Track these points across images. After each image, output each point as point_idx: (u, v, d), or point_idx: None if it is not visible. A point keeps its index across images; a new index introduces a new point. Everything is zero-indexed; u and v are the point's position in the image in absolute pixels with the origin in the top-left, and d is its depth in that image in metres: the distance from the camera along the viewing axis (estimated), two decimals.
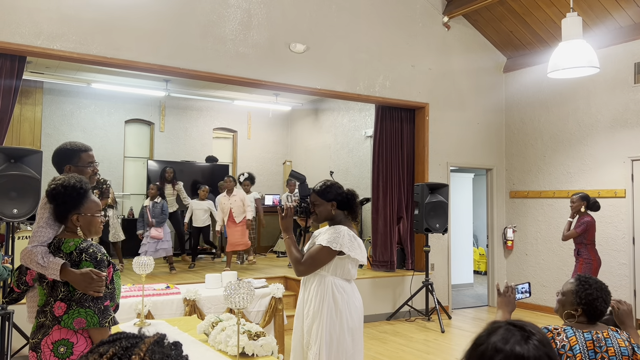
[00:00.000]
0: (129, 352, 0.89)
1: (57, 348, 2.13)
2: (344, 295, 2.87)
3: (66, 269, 2.16)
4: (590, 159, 7.16)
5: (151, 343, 0.90)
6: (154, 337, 0.92)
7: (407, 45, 7.43)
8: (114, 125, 9.96)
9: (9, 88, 5.01)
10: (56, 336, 2.14)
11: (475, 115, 8.07)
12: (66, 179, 2.26)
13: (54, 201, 2.25)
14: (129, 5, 5.51)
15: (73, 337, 2.14)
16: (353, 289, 2.95)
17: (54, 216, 2.29)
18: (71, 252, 2.21)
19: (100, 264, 2.20)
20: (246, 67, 6.18)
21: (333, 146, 10.38)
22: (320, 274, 2.90)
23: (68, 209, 2.25)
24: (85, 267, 2.16)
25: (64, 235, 2.29)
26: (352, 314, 2.88)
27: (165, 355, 0.89)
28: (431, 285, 6.92)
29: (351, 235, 2.91)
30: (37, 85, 9.13)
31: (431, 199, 6.88)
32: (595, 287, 2.20)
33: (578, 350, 2.08)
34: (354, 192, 3.08)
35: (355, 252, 2.90)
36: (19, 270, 2.47)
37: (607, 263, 6.70)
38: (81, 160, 2.69)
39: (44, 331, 2.18)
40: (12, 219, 4.29)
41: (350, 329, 2.87)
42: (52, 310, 2.18)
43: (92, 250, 2.21)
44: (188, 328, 3.35)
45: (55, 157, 2.69)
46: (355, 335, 2.89)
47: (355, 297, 2.94)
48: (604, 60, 6.68)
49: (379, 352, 5.51)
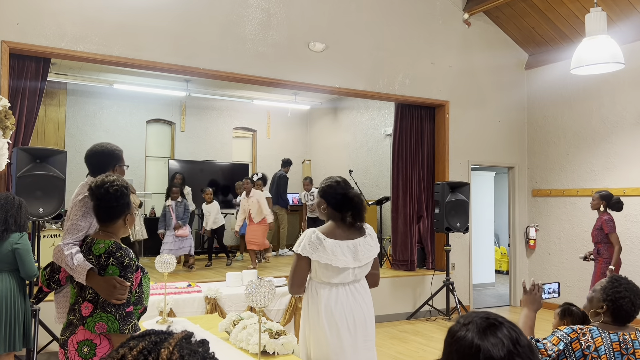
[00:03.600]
0: (158, 346, 0.91)
1: (81, 348, 2.18)
2: (315, 298, 2.73)
3: (92, 275, 2.20)
4: (615, 156, 7.02)
5: (179, 339, 0.92)
6: (182, 334, 0.94)
7: (427, 43, 7.38)
8: (136, 126, 10.09)
9: (34, 89, 5.11)
10: (81, 336, 2.19)
11: (497, 113, 7.98)
12: (121, 180, 2.30)
13: (110, 202, 2.24)
14: (150, 7, 5.58)
15: (96, 339, 2.19)
16: (332, 294, 2.70)
17: (104, 217, 2.29)
18: (100, 254, 2.24)
19: (127, 268, 2.22)
20: (266, 66, 6.20)
21: (352, 145, 10.35)
22: (310, 276, 2.81)
23: (123, 210, 2.30)
24: (110, 271, 2.19)
25: (97, 235, 2.32)
26: (320, 321, 2.68)
27: (193, 352, 0.90)
28: (452, 284, 6.87)
29: (315, 238, 2.68)
30: (61, 86, 9.29)
31: (452, 198, 6.82)
32: (624, 287, 2.15)
33: (603, 351, 2.04)
34: (347, 193, 2.78)
35: (318, 254, 2.66)
36: (51, 268, 2.51)
37: (632, 263, 6.57)
38: (122, 161, 2.81)
39: (72, 329, 2.24)
40: (37, 217, 4.38)
41: (317, 338, 2.69)
42: (80, 310, 2.23)
43: (119, 254, 2.23)
44: (210, 326, 3.38)
45: (101, 157, 2.70)
46: (323, 344, 2.68)
47: (330, 302, 2.69)
48: (629, 55, 6.53)
49: (399, 352, 5.49)
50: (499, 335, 1.21)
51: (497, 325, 1.24)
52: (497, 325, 1.23)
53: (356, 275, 2.76)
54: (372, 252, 2.79)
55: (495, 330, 1.22)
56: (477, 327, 1.24)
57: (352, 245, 2.72)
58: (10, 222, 3.68)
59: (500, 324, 1.24)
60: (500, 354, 1.18)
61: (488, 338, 1.21)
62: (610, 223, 5.58)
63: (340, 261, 2.67)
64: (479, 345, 1.20)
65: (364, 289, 2.82)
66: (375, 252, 2.82)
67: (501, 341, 1.20)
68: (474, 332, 1.24)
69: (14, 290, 3.69)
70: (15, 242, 3.67)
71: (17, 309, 3.69)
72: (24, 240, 3.72)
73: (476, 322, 1.25)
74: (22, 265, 3.70)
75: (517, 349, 1.19)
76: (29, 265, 3.72)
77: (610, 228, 5.56)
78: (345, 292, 2.73)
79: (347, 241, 2.72)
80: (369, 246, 2.78)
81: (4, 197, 3.75)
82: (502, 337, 1.21)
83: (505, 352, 1.18)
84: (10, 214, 3.68)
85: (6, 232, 3.66)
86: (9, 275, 3.69)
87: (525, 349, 1.20)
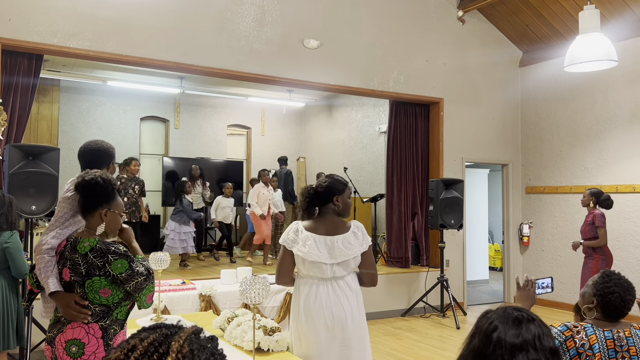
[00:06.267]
0: (168, 339, 0.93)
1: (69, 347, 2.16)
2: (296, 294, 2.80)
3: (56, 294, 2.22)
4: (608, 153, 7.06)
5: (190, 333, 0.94)
6: (192, 328, 0.96)
7: (422, 40, 7.38)
8: (130, 123, 10.05)
9: (27, 86, 5.08)
10: (69, 335, 2.17)
11: (491, 110, 8.00)
12: (103, 173, 2.29)
13: (87, 191, 2.23)
14: (144, 3, 5.55)
15: (85, 338, 2.16)
16: (312, 290, 2.72)
17: (82, 208, 2.28)
18: (86, 253, 2.18)
19: (127, 254, 2.21)
20: (260, 63, 6.18)
21: (347, 142, 10.36)
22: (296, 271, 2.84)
23: (100, 201, 2.25)
24: (119, 265, 2.16)
25: (81, 234, 2.28)
26: (300, 316, 2.72)
27: (202, 347, 0.92)
28: (446, 281, 6.89)
29: (295, 230, 2.75)
30: (54, 83, 9.24)
31: (446, 195, 6.84)
32: (614, 282, 2.14)
33: (598, 349, 2.04)
34: (318, 187, 2.83)
35: (296, 247, 2.71)
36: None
37: (625, 259, 6.61)
38: (114, 160, 2.80)
39: (59, 327, 2.22)
40: (30, 215, 4.35)
41: (297, 332, 2.74)
42: None
43: (113, 248, 2.20)
44: (204, 323, 3.37)
45: (96, 154, 2.69)
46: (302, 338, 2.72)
47: (310, 299, 2.70)
48: (622, 53, 6.57)
49: (393, 348, 5.50)
50: (522, 326, 1.27)
51: (525, 318, 1.29)
52: (525, 318, 1.29)
53: (335, 272, 2.74)
54: (352, 251, 2.75)
55: (520, 321, 1.29)
56: (505, 313, 1.32)
57: (330, 241, 2.73)
58: (2, 220, 3.64)
59: (531, 320, 1.29)
60: (514, 341, 1.22)
61: (509, 323, 1.27)
62: (601, 218, 5.62)
63: (312, 255, 2.68)
64: (496, 326, 1.28)
65: (348, 286, 2.78)
66: (357, 251, 2.77)
67: (521, 332, 1.24)
68: (499, 313, 1.32)
69: (6, 289, 3.67)
70: (6, 241, 3.64)
71: (10, 308, 3.67)
72: (14, 239, 3.68)
73: (507, 310, 1.32)
74: (13, 263, 3.67)
75: (536, 343, 1.22)
76: (20, 264, 3.69)
77: (601, 222, 5.60)
78: (326, 288, 2.73)
79: (326, 237, 2.74)
80: (349, 244, 2.75)
81: None
82: (525, 329, 1.26)
83: (521, 340, 1.22)
84: (2, 212, 3.65)
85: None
86: (0, 274, 3.67)
87: (547, 350, 1.23)
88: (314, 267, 2.71)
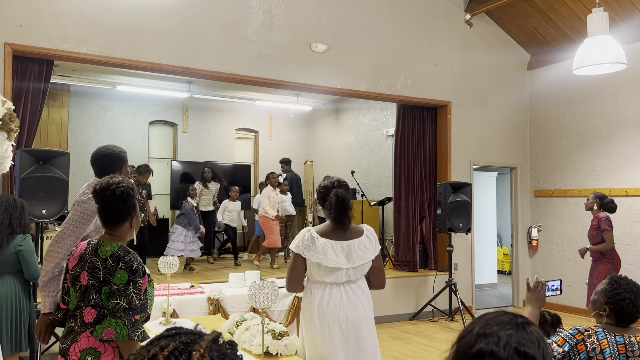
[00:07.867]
0: (189, 347, 0.90)
1: (85, 357, 2.07)
2: (309, 298, 2.79)
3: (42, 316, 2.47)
4: (618, 156, 7.02)
5: (209, 341, 0.92)
6: (211, 335, 0.94)
7: (429, 44, 7.38)
8: (138, 127, 10.11)
9: (38, 91, 5.13)
10: (84, 344, 2.09)
11: (499, 114, 7.97)
12: (126, 182, 2.22)
13: (121, 204, 2.17)
14: (152, 9, 5.59)
15: (101, 347, 2.08)
16: (325, 294, 2.73)
17: (112, 219, 2.21)
18: (106, 258, 2.13)
19: (136, 273, 2.11)
20: (268, 67, 6.21)
21: (354, 146, 10.36)
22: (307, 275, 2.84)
23: (130, 212, 2.22)
24: (119, 275, 2.09)
25: (103, 238, 2.23)
26: (313, 320, 2.72)
27: (222, 354, 0.90)
28: (454, 285, 6.86)
29: (309, 237, 2.73)
30: (64, 88, 9.31)
31: (454, 198, 6.82)
32: (624, 288, 2.13)
33: (609, 353, 2.03)
34: (327, 191, 2.81)
35: (311, 253, 2.70)
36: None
37: (635, 263, 6.56)
38: (127, 164, 2.85)
39: (73, 337, 2.14)
40: (41, 219, 4.39)
41: (311, 336, 2.74)
42: (82, 316, 2.12)
43: (128, 258, 2.13)
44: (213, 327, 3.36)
45: (109, 159, 2.71)
46: (316, 342, 2.71)
47: (323, 302, 2.71)
48: (631, 56, 6.53)
49: (402, 352, 5.49)
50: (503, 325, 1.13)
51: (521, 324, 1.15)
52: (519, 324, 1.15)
53: (350, 276, 2.76)
54: (368, 254, 2.77)
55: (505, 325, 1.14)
56: (493, 314, 1.17)
57: (347, 245, 2.74)
58: (15, 224, 3.68)
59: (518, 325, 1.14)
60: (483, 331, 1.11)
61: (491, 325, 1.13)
62: (606, 220, 5.57)
63: (331, 261, 2.68)
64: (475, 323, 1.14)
65: (361, 289, 2.81)
66: (372, 255, 2.79)
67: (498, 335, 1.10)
68: (486, 315, 1.17)
69: (19, 291, 3.70)
70: (19, 244, 3.68)
71: (22, 311, 3.70)
72: (27, 242, 3.72)
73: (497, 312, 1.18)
74: (25, 266, 3.70)
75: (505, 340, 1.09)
76: (33, 267, 3.72)
77: (606, 225, 5.56)
78: (339, 292, 2.74)
79: (342, 241, 2.74)
80: (365, 248, 2.77)
81: (5, 199, 3.74)
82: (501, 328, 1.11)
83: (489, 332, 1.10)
84: (15, 217, 3.68)
85: (11, 235, 3.67)
86: (13, 277, 3.70)
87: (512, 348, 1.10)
88: (331, 272, 2.72)
